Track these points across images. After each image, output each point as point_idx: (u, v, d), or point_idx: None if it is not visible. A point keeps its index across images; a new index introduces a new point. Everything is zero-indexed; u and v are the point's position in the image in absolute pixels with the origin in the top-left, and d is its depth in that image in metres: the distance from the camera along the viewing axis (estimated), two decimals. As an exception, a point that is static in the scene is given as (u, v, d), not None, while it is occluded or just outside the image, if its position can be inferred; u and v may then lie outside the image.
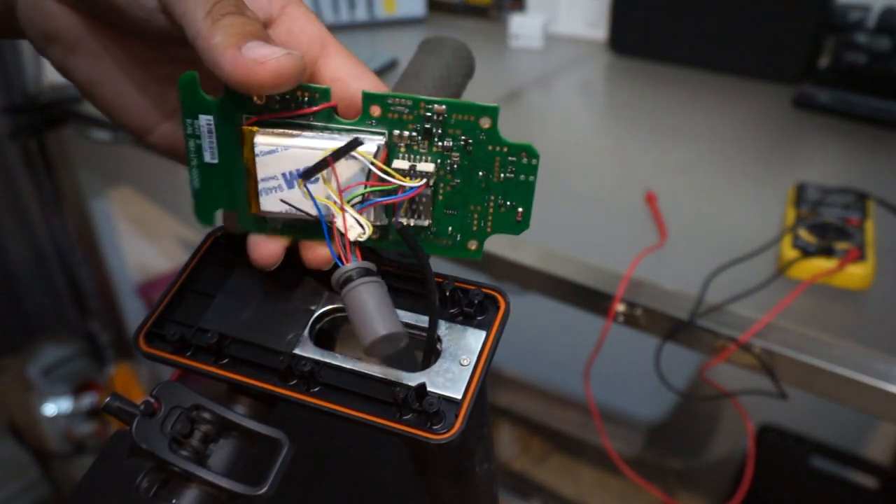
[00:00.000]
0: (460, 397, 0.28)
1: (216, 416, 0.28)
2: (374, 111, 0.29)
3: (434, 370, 0.29)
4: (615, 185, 0.77)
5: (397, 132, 0.29)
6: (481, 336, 0.30)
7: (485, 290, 0.31)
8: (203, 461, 0.28)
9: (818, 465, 1.01)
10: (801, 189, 0.69)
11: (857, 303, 0.58)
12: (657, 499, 1.20)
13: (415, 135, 0.29)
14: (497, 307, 0.31)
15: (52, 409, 1.41)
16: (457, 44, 0.39)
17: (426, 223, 0.30)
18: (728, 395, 0.63)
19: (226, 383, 0.30)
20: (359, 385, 0.29)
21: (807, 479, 1.02)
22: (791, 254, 0.60)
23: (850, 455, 1.02)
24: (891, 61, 0.83)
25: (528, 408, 1.27)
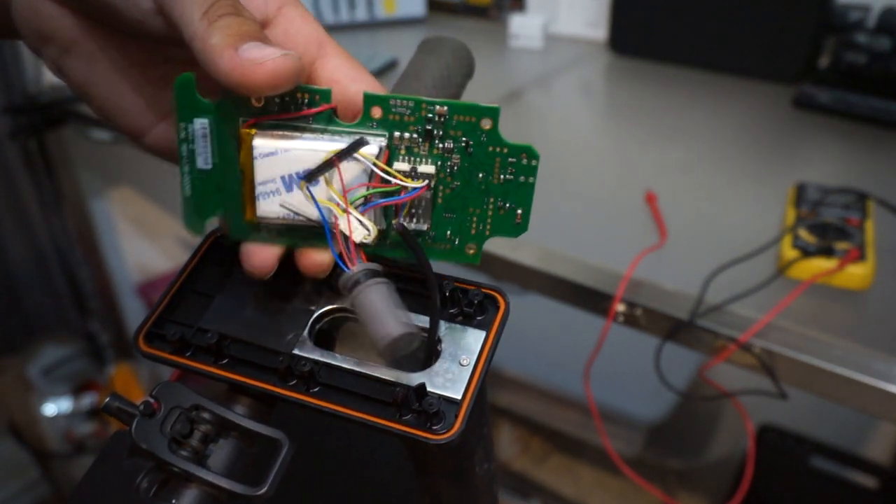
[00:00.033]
0: (460, 397, 0.28)
1: (216, 416, 0.28)
2: (376, 113, 0.28)
3: (434, 370, 0.29)
4: (615, 185, 0.77)
5: (398, 134, 0.29)
6: (481, 336, 0.30)
7: (484, 290, 0.31)
8: (203, 461, 0.28)
9: (818, 465, 1.01)
10: (801, 189, 0.69)
11: (857, 303, 0.58)
12: (657, 499, 1.20)
13: (415, 136, 0.29)
14: (497, 307, 0.31)
15: (52, 409, 1.41)
16: (457, 44, 0.39)
17: (425, 227, 0.30)
18: (728, 395, 0.63)
19: (225, 383, 0.30)
20: (358, 385, 0.29)
21: (807, 479, 1.02)
22: (791, 254, 0.60)
23: (850, 455, 1.02)
24: (891, 61, 0.83)
25: (528, 408, 1.27)
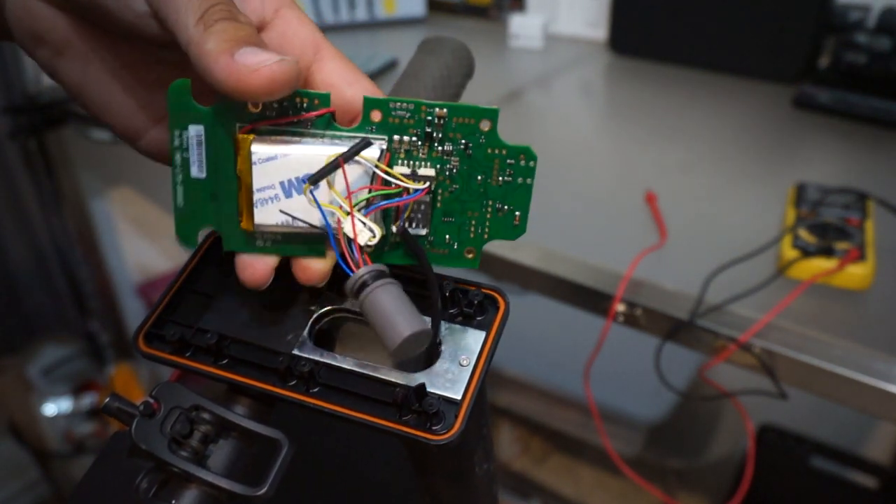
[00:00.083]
0: (460, 398, 0.28)
1: (216, 416, 0.28)
2: (375, 116, 0.28)
3: (434, 371, 0.29)
4: (615, 185, 0.77)
5: (397, 137, 0.29)
6: (481, 336, 0.30)
7: (484, 290, 0.31)
8: (202, 462, 0.28)
9: (818, 465, 1.01)
10: (801, 189, 0.69)
11: (857, 303, 0.58)
12: (657, 499, 1.20)
13: (415, 140, 0.29)
14: (497, 307, 0.31)
15: (52, 409, 1.41)
16: (456, 44, 0.39)
17: (423, 232, 0.30)
18: (728, 395, 0.63)
19: (225, 384, 0.30)
20: (358, 385, 0.29)
21: (807, 479, 1.02)
22: (791, 254, 0.60)
23: (850, 455, 1.02)
24: (891, 61, 0.83)
25: (528, 408, 1.27)
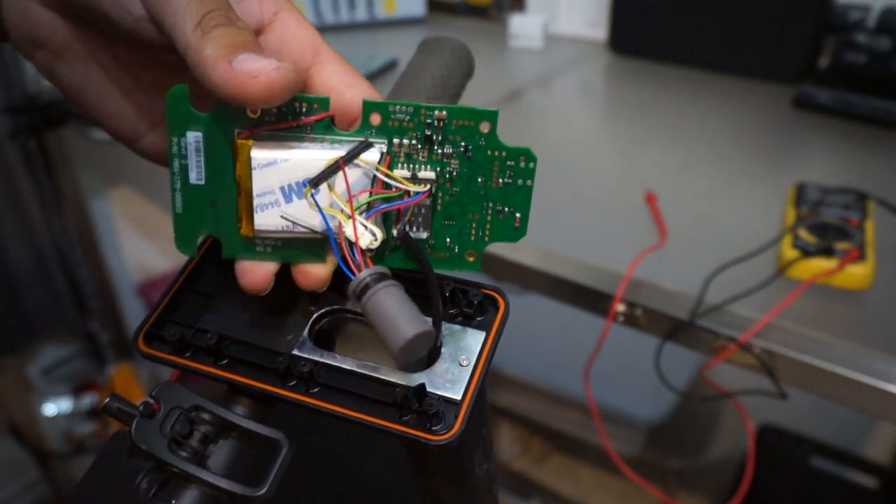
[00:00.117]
0: (460, 398, 0.28)
1: (215, 416, 0.28)
2: (375, 119, 0.28)
3: (434, 371, 0.29)
4: (615, 185, 0.77)
5: (397, 140, 0.28)
6: (481, 336, 0.30)
7: (484, 290, 0.31)
8: (202, 462, 0.28)
9: (818, 465, 1.01)
10: (801, 189, 0.69)
11: (857, 303, 0.58)
12: (657, 499, 1.20)
13: (414, 143, 0.29)
14: (497, 308, 0.31)
15: (52, 409, 1.41)
16: (456, 44, 0.39)
17: (424, 235, 0.30)
18: (728, 395, 0.63)
19: (225, 384, 0.30)
20: (358, 386, 0.29)
21: (807, 479, 1.02)
22: (791, 254, 0.60)
23: (850, 455, 1.02)
24: (891, 61, 0.83)
25: (528, 408, 1.27)
